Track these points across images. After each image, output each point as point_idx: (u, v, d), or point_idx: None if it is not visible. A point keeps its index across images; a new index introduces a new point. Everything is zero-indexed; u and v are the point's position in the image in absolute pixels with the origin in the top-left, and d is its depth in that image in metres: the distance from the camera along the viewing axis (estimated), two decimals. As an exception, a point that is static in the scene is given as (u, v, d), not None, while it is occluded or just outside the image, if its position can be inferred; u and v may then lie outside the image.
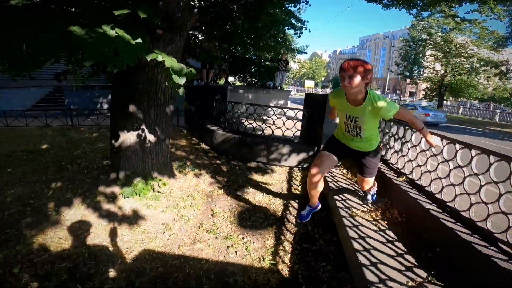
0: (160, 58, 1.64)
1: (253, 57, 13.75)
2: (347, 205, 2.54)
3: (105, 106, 11.72)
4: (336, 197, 2.70)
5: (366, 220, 2.34)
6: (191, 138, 6.29)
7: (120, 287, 2.08)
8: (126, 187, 3.28)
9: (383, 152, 3.58)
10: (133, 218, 2.94)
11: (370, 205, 2.64)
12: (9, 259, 2.27)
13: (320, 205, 2.50)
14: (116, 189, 3.34)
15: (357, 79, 1.80)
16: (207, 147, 5.60)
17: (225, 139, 5.01)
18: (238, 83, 15.29)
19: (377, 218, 2.38)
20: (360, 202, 2.67)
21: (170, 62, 1.66)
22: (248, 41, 8.14)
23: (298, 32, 7.97)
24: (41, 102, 12.18)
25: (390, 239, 2.03)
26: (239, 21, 7.38)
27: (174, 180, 3.75)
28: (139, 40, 1.47)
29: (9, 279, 2.06)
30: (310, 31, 8.33)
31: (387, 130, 3.53)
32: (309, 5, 8.39)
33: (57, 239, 2.55)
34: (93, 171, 4.12)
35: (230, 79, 14.35)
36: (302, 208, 2.62)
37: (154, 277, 2.20)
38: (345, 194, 2.79)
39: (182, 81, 1.91)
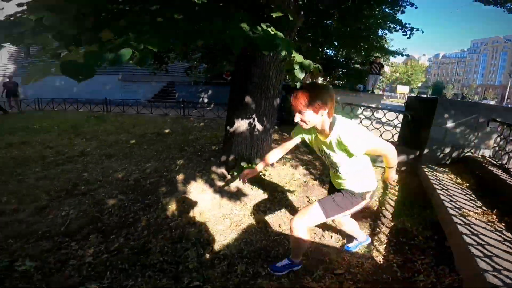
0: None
1: (341, 59, 13.48)
2: (457, 206, 2.44)
3: (206, 100, 13.21)
4: (443, 197, 2.61)
5: (480, 220, 2.22)
6: (282, 133, 6.67)
7: (233, 254, 2.42)
8: (234, 169, 3.78)
9: (504, 161, 3.22)
10: (240, 196, 3.37)
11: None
12: (152, 222, 2.80)
13: (301, 264, 2.27)
14: (224, 170, 3.89)
15: (308, 113, 1.48)
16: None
17: (319, 135, 5.19)
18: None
19: (494, 220, 2.22)
20: (473, 205, 2.51)
21: (300, 58, 1.95)
22: (344, 42, 8.10)
23: (409, 33, 7.53)
24: (158, 95, 14.55)
25: (508, 239, 1.91)
26: (336, 24, 7.43)
27: (273, 168, 4.13)
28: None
29: (152, 240, 2.52)
30: (423, 32, 7.75)
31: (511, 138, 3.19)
32: (415, 7, 7.82)
33: (186, 206, 3.10)
34: (205, 154, 4.87)
35: (319, 81, 14.37)
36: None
37: (259, 248, 2.50)
38: (454, 196, 2.66)
39: (302, 75, 2.19)
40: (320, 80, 14.78)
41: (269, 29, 1.69)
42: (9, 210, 2.88)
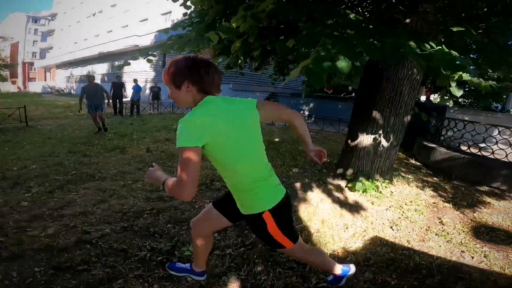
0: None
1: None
2: None
3: (306, 112, 13.41)
4: None
5: None
6: (407, 152, 6.25)
7: (359, 261, 2.42)
8: (352, 183, 3.76)
9: None
10: (359, 210, 3.35)
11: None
12: None
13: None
14: (341, 182, 3.93)
15: (172, 89, 1.26)
16: (417, 163, 5.46)
17: (448, 157, 4.69)
18: (438, 101, 13.40)
19: None
20: None
21: (469, 77, 1.86)
22: (487, 58, 6.96)
23: None
24: (261, 105, 15.58)
25: None
26: (477, 38, 6.48)
27: (393, 185, 3.95)
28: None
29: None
30: None
31: None
32: None
33: (308, 213, 3.25)
34: (317, 165, 4.99)
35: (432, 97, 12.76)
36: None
37: (386, 259, 2.44)
38: None
39: (460, 93, 2.07)
40: (422, 97, 13.10)
41: (439, 47, 1.68)
42: (166, 197, 3.49)
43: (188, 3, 3.36)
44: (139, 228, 2.72)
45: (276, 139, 7.12)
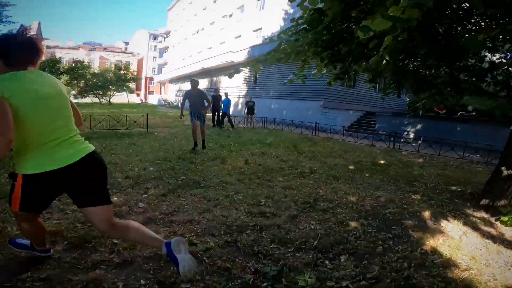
0: None
1: None
2: None
3: (412, 134, 11.76)
4: None
5: None
6: None
7: None
8: (509, 216, 3.02)
9: None
10: None
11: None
12: (408, 255, 2.46)
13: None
14: (485, 215, 3.27)
15: None
16: None
17: None
18: None
19: None
20: None
21: None
22: None
23: None
24: (355, 124, 14.56)
25: None
26: None
27: None
28: None
29: (415, 275, 2.20)
30: None
31: None
32: None
33: (448, 246, 2.64)
34: (445, 193, 4.12)
35: None
36: None
37: None
38: None
39: None
40: None
41: None
42: (269, 213, 3.20)
43: (305, 3, 3.19)
44: (242, 244, 2.49)
45: (381, 161, 6.28)
